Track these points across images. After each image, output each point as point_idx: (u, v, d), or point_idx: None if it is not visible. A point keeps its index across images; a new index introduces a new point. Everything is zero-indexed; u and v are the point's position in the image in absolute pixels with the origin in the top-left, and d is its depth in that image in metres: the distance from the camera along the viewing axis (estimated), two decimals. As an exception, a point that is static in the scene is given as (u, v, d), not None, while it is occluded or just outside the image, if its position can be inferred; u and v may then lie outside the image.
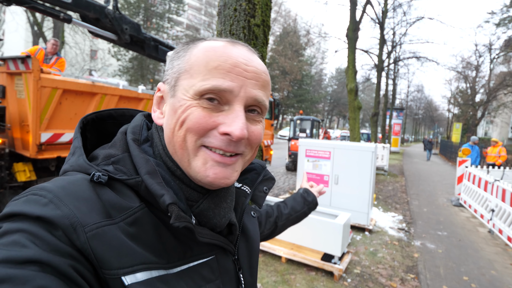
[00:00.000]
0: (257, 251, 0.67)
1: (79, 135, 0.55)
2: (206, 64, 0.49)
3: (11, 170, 3.75)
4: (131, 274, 0.42)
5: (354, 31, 10.23)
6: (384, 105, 22.83)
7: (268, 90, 0.55)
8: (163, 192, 0.46)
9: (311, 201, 1.11)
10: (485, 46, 24.94)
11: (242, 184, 0.69)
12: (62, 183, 0.45)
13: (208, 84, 0.48)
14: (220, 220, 0.55)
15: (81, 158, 0.51)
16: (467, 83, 28.91)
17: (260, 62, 0.55)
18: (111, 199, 0.45)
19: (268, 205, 1.06)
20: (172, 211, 0.45)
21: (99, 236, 0.41)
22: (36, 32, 15.87)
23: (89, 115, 0.60)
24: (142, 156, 0.51)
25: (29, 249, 0.36)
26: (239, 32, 1.54)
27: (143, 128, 0.59)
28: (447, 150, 22.26)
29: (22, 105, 3.70)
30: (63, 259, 0.38)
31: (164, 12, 29.02)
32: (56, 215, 0.39)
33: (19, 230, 0.37)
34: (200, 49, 0.52)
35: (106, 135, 0.62)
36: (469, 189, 7.24)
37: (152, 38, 5.53)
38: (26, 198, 0.41)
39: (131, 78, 27.54)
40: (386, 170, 12.26)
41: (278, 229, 1.03)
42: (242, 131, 0.48)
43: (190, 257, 0.51)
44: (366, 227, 5.18)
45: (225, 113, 0.50)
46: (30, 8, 3.95)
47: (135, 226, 0.46)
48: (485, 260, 4.39)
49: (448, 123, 39.62)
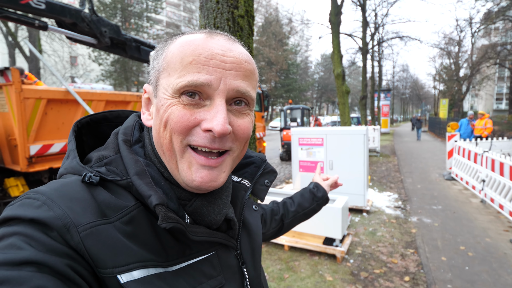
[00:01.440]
0: (260, 244, 0.66)
1: (73, 138, 0.55)
2: (181, 59, 0.48)
3: (3, 186, 3.68)
4: (127, 272, 0.42)
5: (336, 16, 10.22)
6: (371, 87, 23.05)
7: (252, 79, 0.52)
8: (151, 193, 0.46)
9: (320, 197, 1.06)
10: (465, 20, 25.33)
11: (241, 178, 0.69)
12: (56, 185, 0.45)
13: (184, 80, 0.46)
14: (215, 217, 0.54)
15: (74, 160, 0.51)
16: (450, 59, 29.34)
17: (241, 51, 0.52)
18: (106, 199, 0.45)
19: (274, 203, 1.03)
20: (159, 212, 0.45)
21: (93, 236, 0.41)
22: (11, 43, 15.38)
23: (83, 118, 0.60)
24: (132, 157, 0.51)
25: (25, 250, 0.36)
26: (224, 25, 1.52)
27: (135, 129, 0.58)
28: (436, 127, 22.69)
29: (6, 119, 3.62)
30: (59, 259, 0.38)
31: (142, 11, 28.34)
32: (49, 216, 0.40)
33: (15, 233, 0.38)
34: (175, 44, 0.50)
35: (103, 138, 0.61)
36: (459, 162, 7.42)
37: (133, 39, 5.42)
38: (21, 202, 0.42)
39: (115, 82, 27.02)
40: (378, 151, 12.44)
41: (285, 227, 1.00)
42: (223, 126, 0.46)
43: (189, 255, 0.51)
44: (364, 209, 5.28)
45: (206, 108, 0.48)
46: (3, 18, 3.81)
47: (131, 224, 0.45)
48: (479, 229, 4.53)
49: (434, 100, 40.28)
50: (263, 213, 0.94)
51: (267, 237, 0.96)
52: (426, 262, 3.57)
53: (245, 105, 0.52)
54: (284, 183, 7.60)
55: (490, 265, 3.45)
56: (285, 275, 3.28)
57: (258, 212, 0.72)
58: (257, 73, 0.56)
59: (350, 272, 3.34)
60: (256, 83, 0.55)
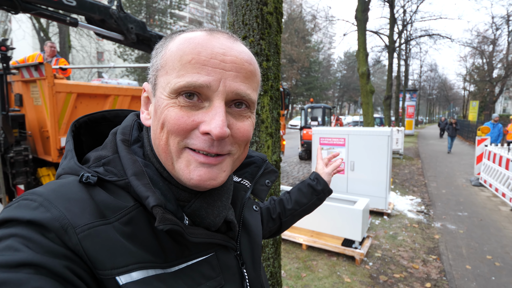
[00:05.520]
0: (260, 245, 0.65)
1: (70, 138, 0.54)
2: (180, 58, 0.46)
3: (36, 175, 3.89)
4: (126, 273, 0.42)
5: (363, 12, 9.94)
6: (396, 87, 22.25)
7: (253, 81, 0.50)
8: (148, 194, 0.45)
9: (321, 190, 0.99)
10: (502, 18, 23.74)
11: (241, 178, 0.68)
12: (53, 186, 0.44)
13: (183, 81, 0.45)
14: (214, 220, 0.53)
15: (72, 160, 0.50)
16: (483, 59, 27.79)
17: (242, 50, 0.49)
18: (104, 200, 0.44)
19: (271, 200, 1.00)
20: (157, 213, 0.44)
21: (92, 237, 0.40)
22: (42, 38, 16.12)
23: (81, 118, 0.59)
24: (129, 157, 0.50)
25: (22, 252, 0.36)
26: (252, 22, 1.52)
27: (134, 128, 0.57)
28: (464, 130, 21.64)
29: (39, 112, 3.81)
30: (57, 261, 0.37)
31: (166, 7, 28.86)
32: (46, 217, 0.39)
33: (12, 235, 0.37)
34: (175, 42, 0.48)
35: (102, 138, 0.60)
36: (489, 168, 7.05)
37: (158, 35, 5.52)
38: (17, 203, 0.41)
39: (138, 78, 27.79)
40: (402, 154, 12.05)
41: (284, 225, 0.97)
42: (221, 130, 0.44)
43: (188, 256, 0.50)
44: (385, 211, 5.14)
45: (205, 110, 0.47)
46: (36, 15, 4.00)
47: (130, 225, 0.45)
48: (508, 238, 4.30)
49: (464, 102, 38.42)
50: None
51: (265, 236, 0.95)
52: (449, 269, 3.43)
53: (245, 107, 0.50)
54: (303, 182, 7.54)
55: (520, 277, 3.27)
56: (303, 274, 3.27)
57: (259, 213, 0.70)
58: (259, 73, 0.54)
59: (369, 275, 3.27)
60: (258, 84, 0.53)
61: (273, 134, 1.81)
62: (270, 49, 1.66)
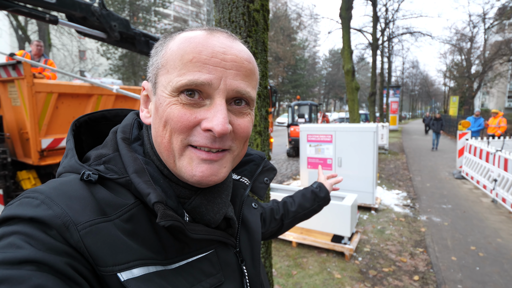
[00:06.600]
0: (259, 242, 0.66)
1: (71, 137, 0.55)
2: (181, 57, 0.47)
3: (16, 179, 3.74)
4: (127, 270, 0.42)
5: (347, 10, 10.05)
6: (380, 84, 22.68)
7: (252, 79, 0.52)
8: (149, 190, 0.46)
9: (323, 198, 1.07)
10: (479, 16, 24.57)
11: (240, 176, 0.69)
12: (55, 184, 0.45)
13: (184, 79, 0.46)
14: (214, 216, 0.54)
15: (72, 159, 0.51)
16: (462, 55, 28.67)
17: (242, 49, 0.51)
18: (105, 197, 0.45)
19: (274, 202, 1.04)
20: (158, 210, 0.44)
21: (93, 234, 0.41)
22: (21, 37, 15.52)
23: (81, 117, 0.60)
24: (130, 155, 0.51)
25: (24, 249, 0.36)
26: (239, 19, 1.49)
27: (134, 127, 0.58)
28: (445, 124, 22.30)
29: (18, 113, 3.65)
30: (59, 258, 0.38)
31: (150, 5, 28.31)
32: (48, 215, 0.40)
33: (14, 232, 0.38)
34: (175, 41, 0.49)
35: (102, 137, 0.61)
36: (470, 161, 7.29)
37: (142, 33, 5.40)
38: (19, 201, 0.42)
39: (123, 76, 27.17)
40: (387, 149, 12.31)
41: (285, 227, 1.01)
42: (223, 126, 0.46)
43: (188, 253, 0.51)
44: (372, 206, 5.24)
45: (206, 108, 0.48)
46: (14, 12, 3.83)
47: (131, 222, 0.45)
48: (490, 229, 4.46)
49: (444, 97, 39.55)
50: (262, 212, 0.95)
51: (266, 236, 0.97)
52: (436, 261, 3.53)
53: (245, 105, 0.52)
54: (292, 180, 7.58)
55: (501, 266, 3.40)
56: (293, 271, 3.28)
57: (258, 210, 0.72)
58: (258, 71, 0.55)
59: (359, 270, 3.32)
60: (257, 82, 0.55)
61: (262, 133, 1.79)
62: (258, 46, 1.64)
